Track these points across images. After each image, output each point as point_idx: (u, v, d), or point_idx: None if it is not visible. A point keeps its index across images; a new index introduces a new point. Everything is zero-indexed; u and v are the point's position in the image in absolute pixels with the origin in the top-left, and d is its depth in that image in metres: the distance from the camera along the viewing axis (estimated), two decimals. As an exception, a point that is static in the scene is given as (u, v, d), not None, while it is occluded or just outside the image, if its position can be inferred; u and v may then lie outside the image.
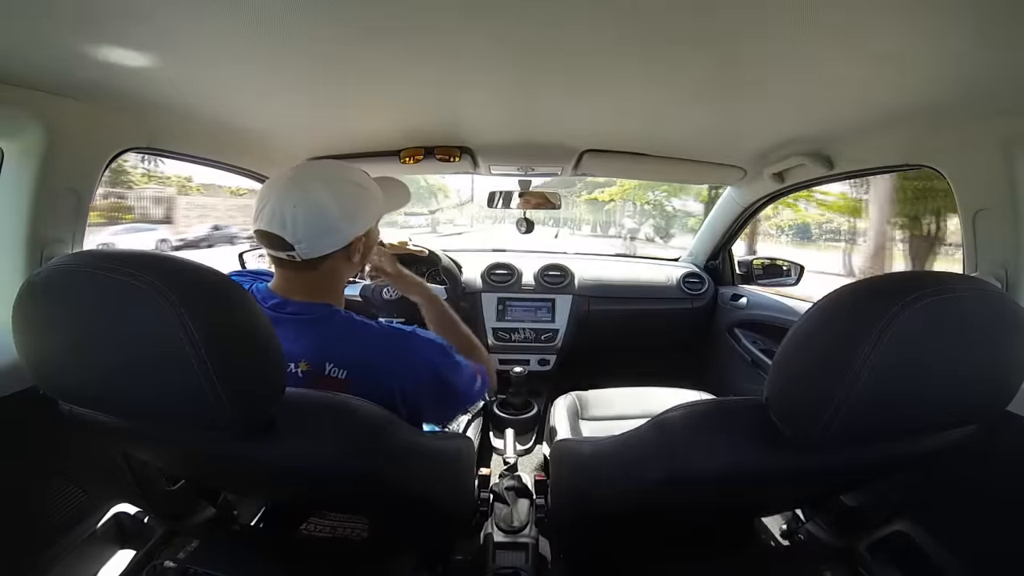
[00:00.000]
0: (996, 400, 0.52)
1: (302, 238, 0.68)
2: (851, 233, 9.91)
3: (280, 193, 0.68)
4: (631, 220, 16.52)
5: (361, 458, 0.54)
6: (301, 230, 0.68)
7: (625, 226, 16.35)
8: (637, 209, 15.35)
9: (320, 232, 0.69)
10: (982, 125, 0.82)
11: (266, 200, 0.69)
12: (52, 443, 0.79)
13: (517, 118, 1.11)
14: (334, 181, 0.72)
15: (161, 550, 0.69)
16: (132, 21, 0.59)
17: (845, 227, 10.34)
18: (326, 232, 0.70)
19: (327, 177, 0.72)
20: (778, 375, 0.52)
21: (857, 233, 9.49)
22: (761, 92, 0.86)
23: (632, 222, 16.34)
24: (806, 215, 10.32)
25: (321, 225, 0.69)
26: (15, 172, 0.79)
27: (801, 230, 12.13)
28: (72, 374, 0.49)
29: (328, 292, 0.75)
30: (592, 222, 18.36)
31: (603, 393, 1.49)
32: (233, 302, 0.48)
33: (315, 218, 0.68)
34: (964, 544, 0.81)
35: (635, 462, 0.63)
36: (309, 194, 0.68)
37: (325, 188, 0.70)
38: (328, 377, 0.68)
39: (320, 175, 0.72)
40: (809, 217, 10.57)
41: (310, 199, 0.68)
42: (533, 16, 0.59)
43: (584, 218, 17.97)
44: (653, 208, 14.04)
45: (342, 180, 0.73)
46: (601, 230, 18.28)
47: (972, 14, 0.53)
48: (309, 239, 0.69)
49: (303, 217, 0.67)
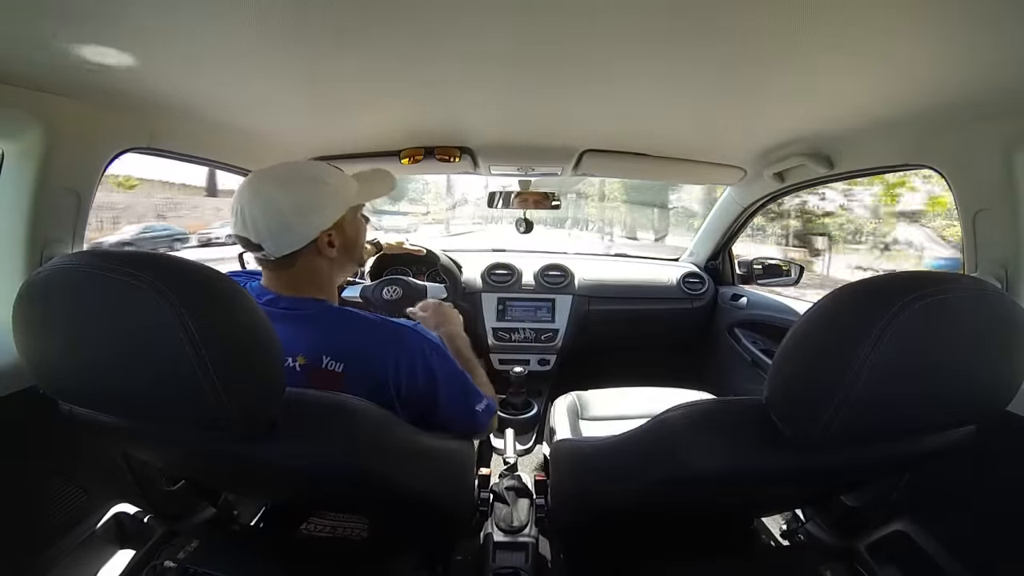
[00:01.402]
0: (996, 400, 0.52)
1: (264, 238, 0.70)
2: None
3: (241, 197, 0.71)
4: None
5: (361, 458, 0.54)
6: (262, 231, 0.70)
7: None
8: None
9: (279, 231, 0.70)
10: (982, 126, 0.82)
11: (235, 204, 0.71)
12: (52, 443, 0.79)
13: (517, 118, 1.11)
14: (288, 179, 0.72)
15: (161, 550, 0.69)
16: (132, 21, 0.59)
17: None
18: (284, 230, 0.71)
19: (282, 176, 0.73)
20: (778, 375, 0.52)
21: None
22: (761, 92, 0.86)
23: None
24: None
25: (278, 223, 0.70)
26: (15, 172, 0.79)
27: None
28: (72, 374, 0.49)
29: (314, 287, 0.76)
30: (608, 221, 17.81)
31: (603, 393, 1.49)
32: (233, 301, 0.48)
33: (271, 218, 0.70)
34: (964, 544, 0.81)
35: (635, 462, 0.63)
36: (263, 195, 0.70)
37: (279, 188, 0.71)
38: (325, 370, 0.68)
39: (275, 175, 0.73)
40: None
41: (264, 200, 0.70)
42: (533, 17, 0.59)
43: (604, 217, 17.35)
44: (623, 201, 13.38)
45: (297, 178, 0.73)
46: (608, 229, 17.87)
47: (972, 15, 0.53)
48: (272, 238, 0.70)
49: (261, 218, 0.69)
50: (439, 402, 0.74)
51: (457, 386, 0.77)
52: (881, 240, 8.10)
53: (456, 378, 0.77)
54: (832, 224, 8.34)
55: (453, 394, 0.76)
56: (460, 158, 1.38)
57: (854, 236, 8.41)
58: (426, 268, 1.83)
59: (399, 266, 1.83)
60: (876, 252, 7.96)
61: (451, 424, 0.77)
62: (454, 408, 0.77)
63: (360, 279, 1.73)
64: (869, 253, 7.98)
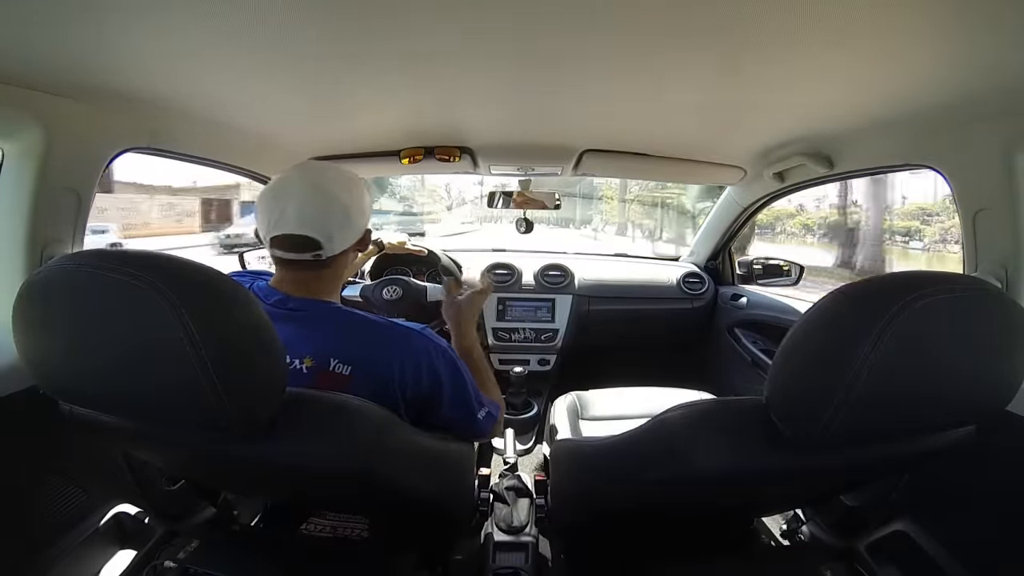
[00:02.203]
0: (995, 400, 0.52)
1: (330, 235, 0.71)
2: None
3: (302, 195, 0.70)
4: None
5: (362, 458, 0.54)
6: (329, 228, 0.71)
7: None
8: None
9: (344, 228, 0.73)
10: (982, 126, 0.82)
11: (285, 204, 0.70)
12: (52, 443, 0.79)
13: (517, 118, 1.11)
14: (344, 179, 0.76)
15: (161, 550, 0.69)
16: (132, 21, 0.59)
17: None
18: (347, 227, 0.74)
19: (337, 176, 0.75)
20: (778, 375, 0.52)
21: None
22: (761, 92, 0.86)
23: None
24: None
25: (344, 221, 0.73)
26: (15, 172, 0.79)
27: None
28: (72, 374, 0.48)
29: (332, 289, 0.79)
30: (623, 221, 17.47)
31: (603, 393, 1.49)
32: (234, 301, 0.48)
33: (340, 215, 0.72)
34: (964, 544, 0.81)
35: (635, 462, 0.63)
36: (330, 193, 0.72)
37: (341, 187, 0.73)
38: (333, 373, 0.68)
39: (331, 175, 0.75)
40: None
41: (332, 198, 0.72)
42: (533, 17, 0.59)
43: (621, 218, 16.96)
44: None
45: (348, 178, 0.77)
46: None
47: (972, 15, 0.53)
48: (336, 236, 0.72)
49: (329, 216, 0.71)
50: (440, 405, 0.74)
51: (460, 391, 0.77)
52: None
53: (460, 384, 0.77)
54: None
55: (455, 399, 0.76)
56: (460, 158, 1.38)
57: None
58: (427, 268, 1.83)
59: (400, 266, 1.84)
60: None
61: (450, 425, 0.77)
62: (455, 412, 0.77)
63: (360, 279, 1.73)
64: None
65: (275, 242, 0.71)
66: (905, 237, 9.82)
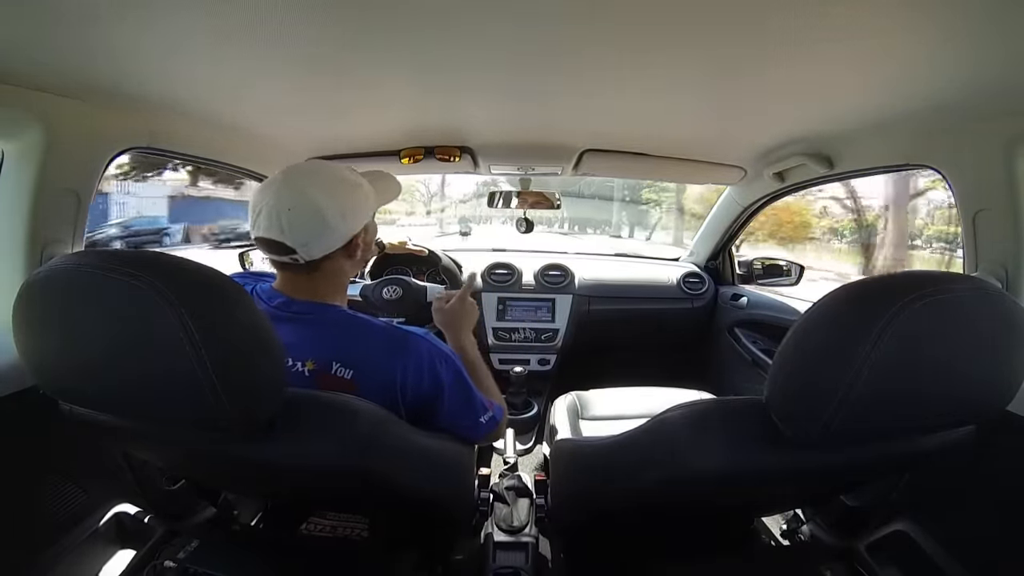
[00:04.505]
0: (995, 400, 0.52)
1: (302, 241, 0.68)
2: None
3: (275, 198, 0.68)
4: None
5: (361, 457, 0.54)
6: (300, 233, 0.67)
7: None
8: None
9: (319, 233, 0.69)
10: (982, 126, 0.82)
11: (260, 206, 0.68)
12: (52, 443, 0.79)
13: (517, 118, 1.11)
14: (327, 181, 0.71)
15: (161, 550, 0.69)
16: (132, 21, 0.59)
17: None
18: (325, 232, 0.69)
19: (319, 177, 0.72)
20: (778, 374, 0.52)
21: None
22: (761, 92, 0.86)
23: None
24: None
25: (319, 226, 0.68)
26: (15, 172, 0.79)
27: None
28: (72, 374, 0.49)
29: (332, 292, 0.76)
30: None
31: (603, 393, 1.49)
32: (233, 302, 0.48)
33: (312, 220, 0.68)
34: (964, 544, 0.81)
35: (635, 461, 0.63)
36: (304, 196, 0.68)
37: (319, 188, 0.69)
38: (335, 376, 0.68)
39: (312, 176, 0.71)
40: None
41: (306, 201, 0.68)
42: (533, 16, 0.59)
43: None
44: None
45: (335, 179, 0.73)
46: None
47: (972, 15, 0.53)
48: (309, 241, 0.68)
49: (300, 220, 0.67)
50: (440, 409, 0.74)
51: (460, 397, 0.76)
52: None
53: (461, 389, 0.76)
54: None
55: (455, 404, 0.75)
56: (460, 158, 1.38)
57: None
58: (427, 268, 1.83)
59: (400, 266, 1.84)
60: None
61: (453, 429, 0.77)
62: (454, 416, 0.76)
63: (360, 278, 1.73)
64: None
65: (257, 243, 0.71)
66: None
